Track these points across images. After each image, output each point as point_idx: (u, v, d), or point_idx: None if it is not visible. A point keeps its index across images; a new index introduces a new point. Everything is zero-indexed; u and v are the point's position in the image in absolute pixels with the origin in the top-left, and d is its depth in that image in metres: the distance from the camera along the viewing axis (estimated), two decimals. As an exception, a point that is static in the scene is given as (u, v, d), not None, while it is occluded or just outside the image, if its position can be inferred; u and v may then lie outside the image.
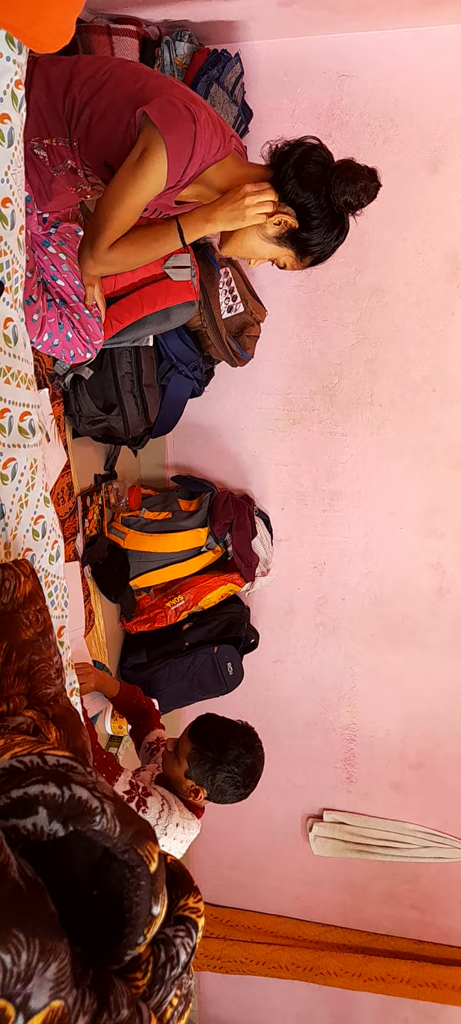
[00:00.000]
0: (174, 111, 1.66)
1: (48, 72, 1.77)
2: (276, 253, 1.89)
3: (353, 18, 2.86)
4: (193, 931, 0.97)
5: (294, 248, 1.86)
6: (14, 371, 1.27)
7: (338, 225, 1.83)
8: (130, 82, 1.74)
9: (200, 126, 1.69)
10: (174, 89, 1.75)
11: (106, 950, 0.86)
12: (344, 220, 1.84)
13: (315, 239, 1.82)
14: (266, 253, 1.90)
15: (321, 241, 1.83)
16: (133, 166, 1.69)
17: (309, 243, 1.83)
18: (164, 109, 1.65)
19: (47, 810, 0.80)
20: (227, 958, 4.05)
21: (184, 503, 3.40)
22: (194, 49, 2.91)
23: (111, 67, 1.78)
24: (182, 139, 1.67)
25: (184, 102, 1.69)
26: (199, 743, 2.11)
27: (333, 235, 1.84)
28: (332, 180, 1.75)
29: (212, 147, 1.76)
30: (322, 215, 1.79)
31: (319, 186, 1.76)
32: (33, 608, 1.18)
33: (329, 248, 1.87)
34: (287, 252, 1.88)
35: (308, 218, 1.79)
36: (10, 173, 1.28)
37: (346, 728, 3.88)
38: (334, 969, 3.96)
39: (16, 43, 1.25)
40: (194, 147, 1.69)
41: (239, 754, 2.11)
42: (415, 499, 3.44)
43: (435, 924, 4.10)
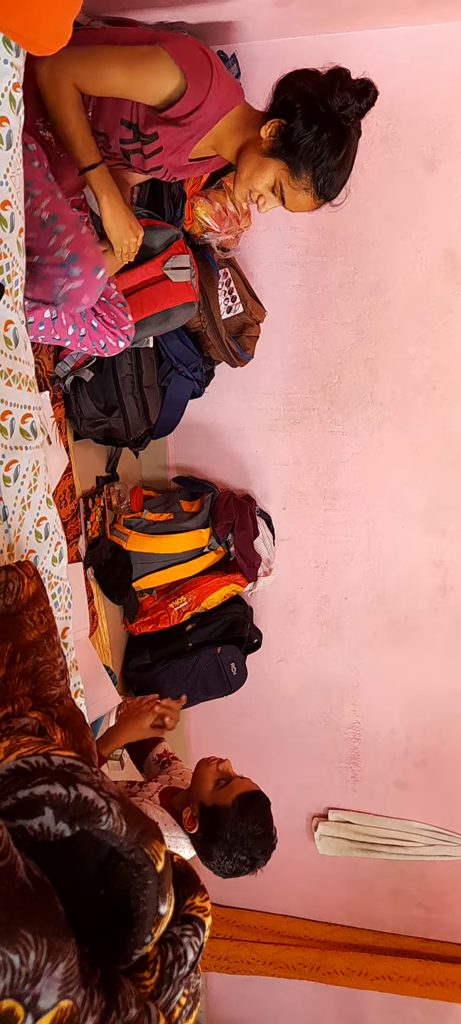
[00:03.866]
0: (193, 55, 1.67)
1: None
2: (272, 170, 1.81)
3: (349, 18, 2.86)
4: (200, 930, 0.97)
5: (285, 152, 1.77)
6: (15, 373, 1.27)
7: (332, 122, 1.74)
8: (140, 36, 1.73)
9: (215, 75, 1.70)
10: (188, 39, 1.74)
11: (114, 950, 0.86)
12: (338, 124, 1.75)
13: (298, 128, 1.73)
14: (267, 175, 1.82)
15: (306, 131, 1.73)
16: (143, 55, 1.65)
17: (294, 135, 1.74)
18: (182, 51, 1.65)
19: (53, 810, 0.80)
20: (234, 958, 4.05)
21: (186, 504, 3.40)
22: (191, 50, 2.91)
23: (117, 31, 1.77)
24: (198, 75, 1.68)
25: (199, 46, 1.69)
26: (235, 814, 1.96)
27: (324, 128, 1.73)
28: (320, 83, 1.73)
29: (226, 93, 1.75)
30: (308, 106, 1.73)
31: (307, 88, 1.74)
32: (37, 609, 1.18)
33: (324, 147, 1.75)
34: (280, 164, 1.79)
35: (293, 111, 1.74)
36: (9, 176, 1.28)
37: (350, 727, 3.88)
38: (341, 968, 3.95)
39: (13, 46, 1.25)
40: (208, 87, 1.70)
41: (240, 861, 1.98)
42: (417, 497, 3.44)
43: (442, 922, 4.09)
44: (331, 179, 1.80)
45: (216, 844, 1.97)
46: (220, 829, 1.96)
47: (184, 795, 2.16)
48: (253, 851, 1.98)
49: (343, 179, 1.83)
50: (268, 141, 1.78)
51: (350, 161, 1.82)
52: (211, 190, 2.91)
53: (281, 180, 1.82)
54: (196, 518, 3.33)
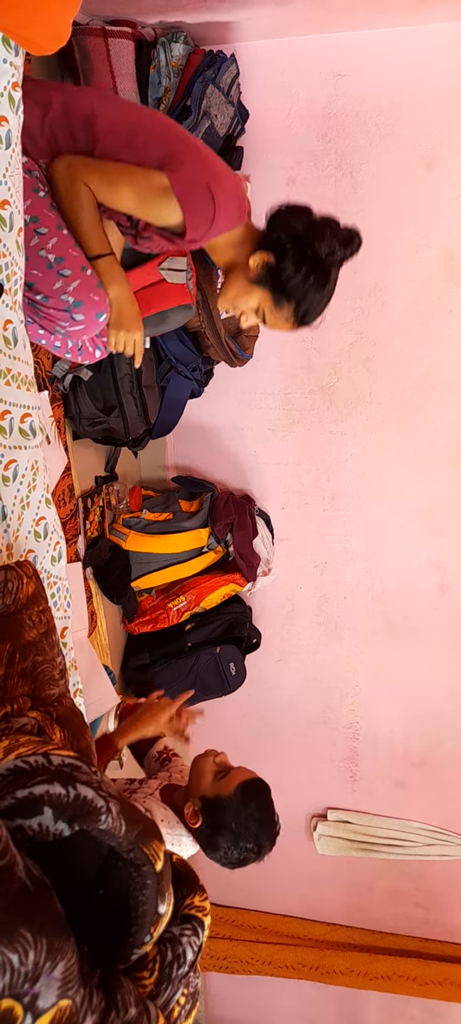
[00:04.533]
0: (197, 195, 1.75)
1: (68, 101, 1.78)
2: (257, 296, 1.91)
3: (348, 17, 2.86)
4: (199, 930, 0.97)
5: (271, 285, 1.87)
6: (14, 373, 1.27)
7: (320, 267, 1.83)
8: (159, 144, 1.79)
9: (218, 213, 1.78)
10: (199, 163, 1.80)
11: (113, 949, 0.86)
12: (323, 267, 1.83)
13: (288, 271, 1.82)
14: (252, 299, 1.92)
15: (294, 274, 1.82)
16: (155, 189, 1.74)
17: (283, 276, 1.84)
18: (188, 189, 1.73)
19: (52, 810, 0.80)
20: (233, 958, 4.05)
21: (185, 504, 3.40)
22: (189, 50, 2.91)
23: (139, 117, 1.81)
24: (196, 218, 1.77)
25: (208, 183, 1.76)
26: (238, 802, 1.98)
27: (310, 271, 1.82)
28: (309, 227, 1.81)
29: (226, 224, 1.83)
30: (296, 249, 1.81)
31: (296, 228, 1.82)
32: (36, 609, 1.18)
33: (310, 290, 1.85)
34: (264, 293, 1.89)
35: (282, 251, 1.82)
36: (8, 175, 1.28)
37: (349, 727, 3.88)
38: (340, 968, 3.95)
39: (12, 45, 1.25)
40: (210, 229, 1.80)
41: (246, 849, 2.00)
42: (415, 496, 3.44)
43: (440, 922, 4.09)
44: (310, 313, 1.92)
45: (221, 835, 1.97)
46: (224, 819, 1.97)
47: (184, 792, 2.15)
48: (259, 837, 1.99)
49: (322, 310, 1.94)
50: (255, 271, 1.87)
51: (331, 296, 1.92)
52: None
53: (264, 307, 1.92)
54: (195, 518, 3.33)
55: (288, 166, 3.18)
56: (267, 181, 3.17)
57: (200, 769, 2.10)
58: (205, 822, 2.00)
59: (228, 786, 2.01)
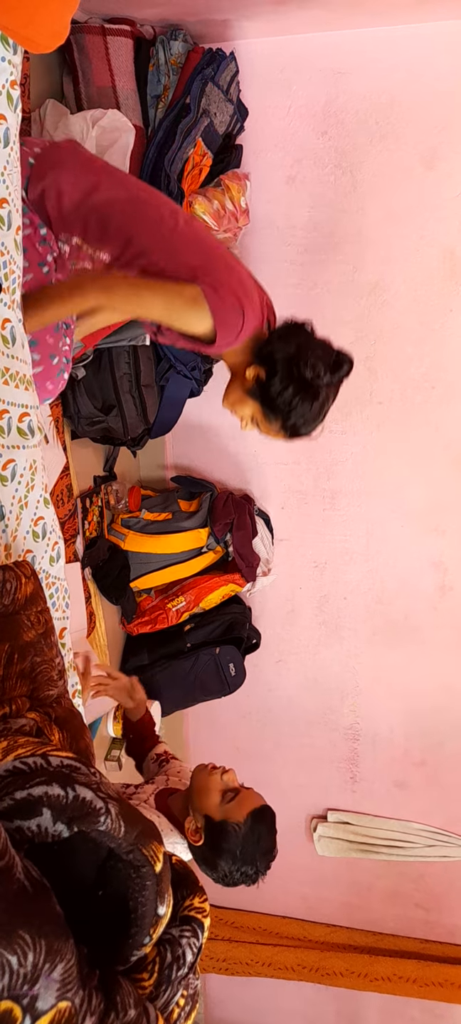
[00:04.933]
0: (230, 312, 1.80)
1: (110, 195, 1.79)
2: (250, 407, 1.96)
3: (348, 15, 2.86)
4: (199, 931, 0.97)
5: (261, 398, 1.92)
6: (12, 372, 1.26)
7: (306, 388, 1.87)
8: (194, 252, 1.83)
9: (245, 326, 1.84)
10: (232, 277, 1.85)
11: (112, 951, 0.86)
12: (309, 388, 1.87)
13: (276, 388, 1.87)
14: (246, 408, 1.98)
15: (281, 391, 1.86)
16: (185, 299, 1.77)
17: (271, 392, 1.88)
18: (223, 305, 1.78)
19: (51, 811, 0.79)
20: (232, 960, 4.05)
21: (184, 504, 3.40)
22: (188, 48, 2.91)
23: (176, 223, 1.84)
24: (228, 335, 1.83)
25: (240, 297, 1.82)
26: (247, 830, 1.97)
27: (297, 392, 1.86)
28: (300, 348, 1.86)
29: (248, 334, 1.89)
30: (284, 370, 1.85)
31: (288, 349, 1.86)
32: (34, 609, 1.18)
33: (297, 409, 1.89)
34: (256, 406, 1.94)
35: (272, 370, 1.87)
36: (6, 174, 1.28)
37: (349, 727, 3.88)
38: (340, 969, 3.95)
39: (11, 43, 1.24)
40: (234, 342, 1.86)
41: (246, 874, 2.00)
42: (416, 496, 3.43)
43: (440, 923, 4.09)
44: (299, 429, 1.94)
45: (223, 858, 1.97)
46: (229, 844, 1.96)
47: (182, 797, 2.13)
48: (259, 864, 1.99)
49: (313, 427, 1.96)
50: (249, 383, 1.93)
51: (322, 415, 1.95)
52: (209, 188, 2.91)
53: (257, 417, 1.97)
54: (194, 518, 3.32)
55: (288, 164, 3.17)
56: (267, 179, 3.17)
57: (205, 787, 2.06)
58: (208, 842, 1.99)
59: (238, 813, 2.00)
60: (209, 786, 2.05)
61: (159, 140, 2.84)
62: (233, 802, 2.01)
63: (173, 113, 2.84)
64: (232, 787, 2.07)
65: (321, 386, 1.87)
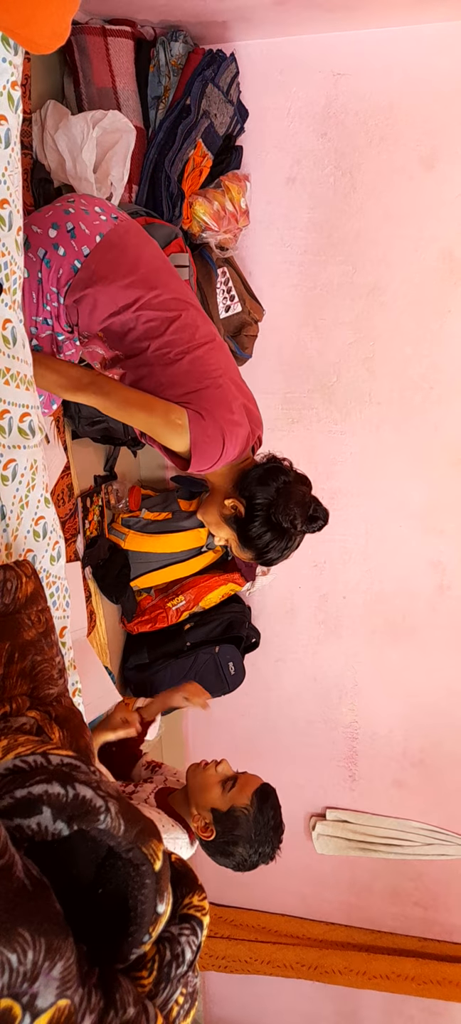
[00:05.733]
0: (211, 442, 1.85)
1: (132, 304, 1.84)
2: (226, 533, 2.02)
3: (348, 17, 2.87)
4: (198, 929, 0.97)
5: (237, 532, 1.97)
6: (13, 372, 1.27)
7: (282, 534, 1.93)
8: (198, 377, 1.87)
9: (223, 456, 1.89)
10: (222, 409, 1.88)
11: (111, 949, 0.86)
12: (289, 533, 1.93)
13: (254, 530, 1.92)
14: (222, 533, 2.04)
15: (259, 535, 1.92)
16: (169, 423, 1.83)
17: (249, 531, 1.93)
18: (204, 436, 1.84)
19: (51, 809, 0.79)
20: (232, 958, 4.05)
21: (184, 503, 3.40)
22: (189, 49, 2.92)
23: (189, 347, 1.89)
24: (203, 462, 1.88)
25: (224, 432, 1.86)
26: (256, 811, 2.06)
27: (274, 537, 1.92)
28: (280, 497, 1.90)
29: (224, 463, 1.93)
30: (262, 514, 1.91)
31: (268, 494, 1.91)
32: (35, 608, 1.18)
33: (272, 550, 1.95)
34: (232, 534, 2.00)
35: (252, 510, 1.92)
36: (7, 175, 1.28)
37: (348, 726, 3.88)
38: (339, 967, 3.95)
39: (12, 44, 1.25)
40: (210, 469, 1.92)
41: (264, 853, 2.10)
42: (415, 496, 3.44)
43: (439, 921, 4.09)
44: (273, 560, 2.01)
45: (239, 844, 2.04)
46: (242, 829, 2.04)
47: (181, 795, 2.16)
48: (274, 841, 2.10)
49: (284, 558, 2.03)
50: (228, 512, 1.98)
51: (292, 551, 2.03)
52: (210, 189, 2.92)
53: (231, 542, 2.04)
54: (194, 517, 3.32)
55: (287, 165, 3.18)
56: (267, 180, 3.18)
57: (203, 782, 2.12)
58: (221, 834, 2.05)
59: (242, 797, 2.06)
60: (207, 781, 2.11)
61: (159, 141, 2.85)
62: (234, 789, 2.08)
63: (173, 114, 2.85)
64: (229, 775, 2.13)
65: (295, 534, 1.95)
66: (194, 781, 2.14)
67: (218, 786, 2.09)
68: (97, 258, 1.83)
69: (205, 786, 2.11)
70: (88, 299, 1.82)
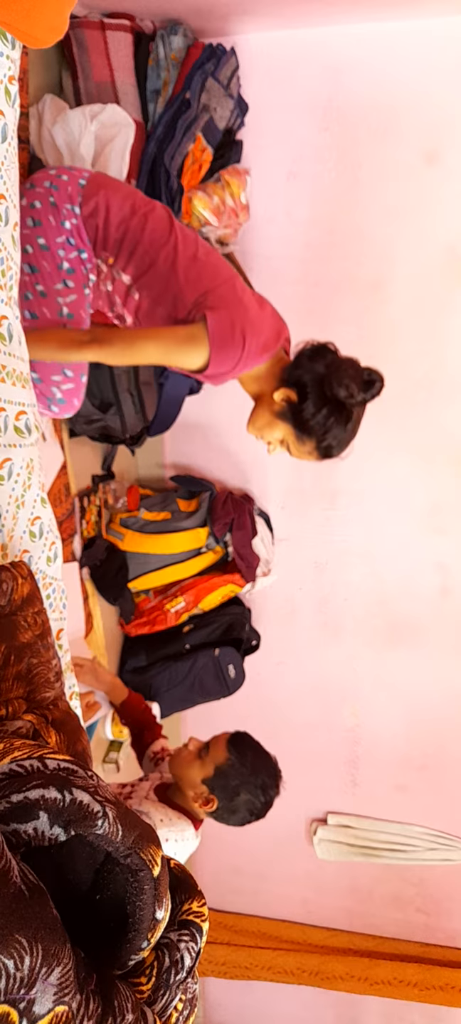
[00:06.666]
0: (230, 335, 1.85)
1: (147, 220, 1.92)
2: (281, 430, 2.00)
3: (350, 10, 2.85)
4: (197, 935, 0.96)
5: (293, 422, 1.95)
6: (9, 369, 1.25)
7: (340, 408, 1.90)
8: (210, 276, 1.92)
9: (245, 353, 1.89)
10: (239, 308, 1.91)
11: (110, 955, 0.85)
12: (343, 408, 1.91)
13: (310, 411, 1.90)
14: (276, 432, 2.02)
15: (315, 413, 1.90)
16: (179, 339, 1.86)
17: (305, 415, 1.91)
18: (222, 329, 1.85)
19: (48, 814, 0.79)
20: (232, 964, 4.04)
21: (183, 503, 3.38)
22: (189, 43, 2.90)
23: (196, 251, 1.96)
24: (225, 359, 1.88)
25: (243, 328, 1.87)
26: (236, 756, 2.11)
27: (331, 413, 1.90)
28: (331, 369, 1.89)
29: (251, 363, 1.94)
30: (316, 391, 1.89)
31: (318, 370, 1.90)
32: (31, 610, 1.16)
33: (332, 428, 1.92)
34: (287, 428, 1.97)
35: (303, 391, 1.91)
36: (3, 169, 1.26)
37: (350, 730, 3.86)
38: (340, 973, 3.94)
39: (9, 38, 1.23)
40: (234, 368, 1.92)
41: (265, 784, 2.13)
42: (417, 497, 3.42)
43: (441, 927, 4.08)
44: (333, 448, 2.00)
45: (240, 791, 2.10)
46: (235, 776, 2.10)
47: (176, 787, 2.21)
48: (271, 770, 2.17)
49: (345, 445, 2.03)
50: (279, 406, 1.96)
51: (355, 432, 2.01)
52: (209, 183, 2.90)
53: (288, 440, 2.02)
54: (193, 517, 3.31)
55: (289, 160, 3.16)
56: (267, 175, 3.16)
57: (181, 763, 2.19)
58: (221, 795, 2.11)
59: (218, 754, 2.13)
60: (185, 761, 2.19)
61: (159, 136, 2.83)
62: (210, 751, 2.15)
63: (173, 108, 2.83)
64: (200, 745, 2.21)
65: (355, 405, 1.92)
66: (175, 770, 2.20)
67: (196, 759, 2.16)
68: (99, 175, 1.96)
69: (185, 766, 2.17)
70: (100, 206, 1.89)
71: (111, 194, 1.91)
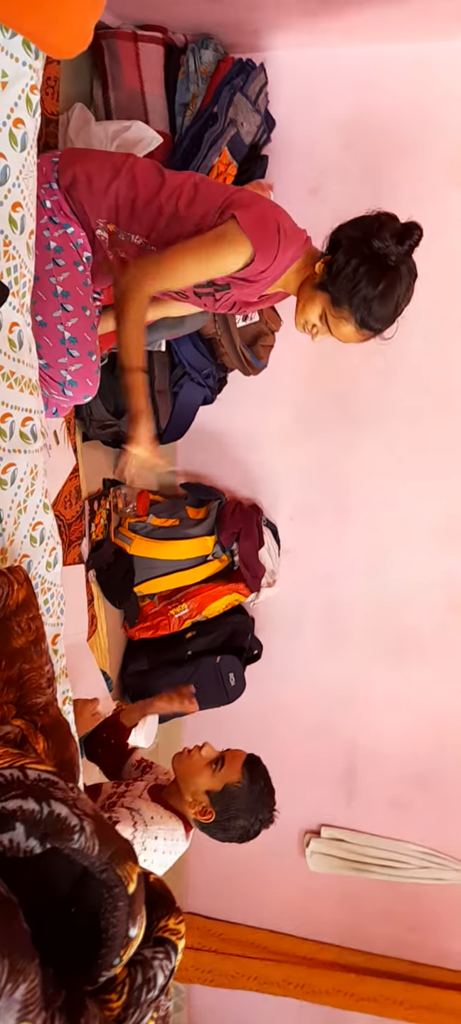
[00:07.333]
0: (263, 224, 1.84)
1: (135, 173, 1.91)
2: (320, 301, 1.93)
3: (378, 30, 2.85)
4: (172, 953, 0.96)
5: (330, 289, 1.88)
6: (18, 376, 1.27)
7: (369, 259, 1.83)
8: (220, 193, 1.90)
9: (283, 237, 1.86)
10: (262, 201, 1.92)
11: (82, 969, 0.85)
12: (376, 260, 1.84)
13: (339, 261, 1.84)
14: (316, 307, 1.95)
15: (345, 266, 1.83)
16: (214, 241, 1.83)
17: (334, 268, 1.85)
18: (255, 220, 1.82)
19: (25, 825, 0.79)
20: (218, 971, 4.02)
21: (192, 511, 3.39)
22: (219, 57, 2.92)
23: (196, 181, 1.94)
24: (266, 250, 1.84)
25: (274, 217, 1.86)
26: (248, 782, 2.11)
27: (357, 264, 1.83)
28: (365, 225, 1.85)
29: (289, 251, 1.91)
30: (350, 244, 1.84)
31: (355, 229, 1.86)
32: (25, 616, 1.18)
33: (359, 279, 1.84)
34: (325, 296, 1.91)
35: (338, 245, 1.87)
36: (22, 178, 1.28)
37: (349, 743, 3.85)
38: (326, 987, 3.92)
39: (33, 48, 1.25)
40: (274, 260, 1.86)
41: (263, 819, 2.14)
42: (426, 513, 3.41)
43: (431, 946, 4.05)
44: (369, 310, 1.87)
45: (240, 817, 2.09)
46: (241, 802, 2.09)
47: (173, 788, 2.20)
48: (270, 803, 2.16)
49: (385, 313, 1.91)
50: (318, 276, 1.91)
51: (394, 296, 1.90)
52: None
53: (326, 310, 1.93)
54: (201, 525, 3.32)
55: (312, 176, 3.17)
56: (290, 190, 3.16)
57: (189, 768, 2.16)
58: (219, 812, 2.10)
59: (232, 773, 2.11)
60: (195, 766, 2.16)
61: (185, 148, 2.85)
62: (224, 767, 2.13)
63: (200, 122, 2.85)
64: (215, 756, 2.18)
65: (389, 255, 1.84)
66: (182, 769, 2.18)
67: (207, 768, 2.13)
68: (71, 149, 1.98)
69: (194, 771, 2.15)
70: (79, 176, 1.87)
71: (88, 162, 1.90)
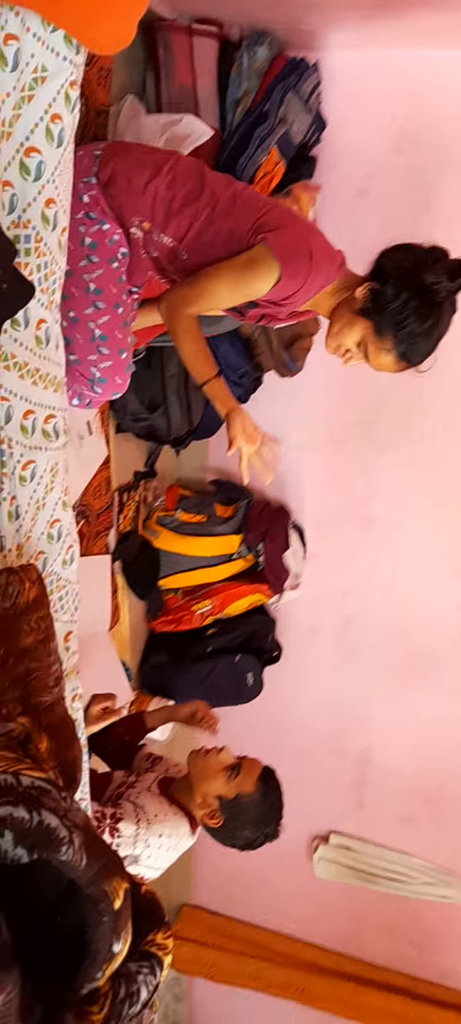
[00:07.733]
0: (294, 247, 1.84)
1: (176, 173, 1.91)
2: (360, 328, 1.89)
3: (434, 36, 2.80)
4: (158, 969, 0.96)
5: (373, 315, 1.85)
6: (42, 373, 1.27)
7: (420, 294, 1.79)
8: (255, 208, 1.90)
9: (314, 263, 1.86)
10: (296, 223, 1.92)
11: (65, 979, 0.86)
12: (427, 295, 1.80)
13: (388, 294, 1.80)
14: (355, 332, 1.91)
15: (394, 297, 1.79)
16: (243, 265, 1.84)
17: (382, 299, 1.81)
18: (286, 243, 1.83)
19: (13, 834, 0.79)
20: (220, 967, 4.03)
21: (220, 508, 3.38)
22: (273, 55, 2.90)
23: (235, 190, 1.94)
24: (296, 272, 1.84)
25: (306, 239, 1.86)
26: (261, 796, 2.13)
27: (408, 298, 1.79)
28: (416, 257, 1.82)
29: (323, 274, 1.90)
30: (399, 275, 1.81)
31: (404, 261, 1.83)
32: (35, 615, 1.18)
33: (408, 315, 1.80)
34: (367, 324, 1.87)
35: (385, 277, 1.83)
36: (57, 174, 1.28)
37: (360, 752, 3.83)
38: (325, 994, 3.91)
39: (74, 43, 1.24)
40: (306, 281, 1.86)
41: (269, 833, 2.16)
42: (449, 538, 3.38)
43: (432, 963, 4.02)
44: (414, 345, 1.85)
45: (247, 828, 2.12)
46: (250, 814, 2.11)
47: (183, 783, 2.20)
48: (277, 819, 2.18)
49: (427, 348, 1.88)
50: (360, 301, 1.86)
51: (437, 333, 1.86)
52: (279, 196, 2.89)
53: (367, 338, 1.89)
54: (229, 523, 3.31)
55: (360, 178, 3.13)
56: (337, 192, 3.13)
57: (205, 770, 2.16)
58: (228, 820, 2.12)
59: (248, 783, 2.13)
60: (211, 769, 2.16)
61: (234, 144, 2.83)
62: (239, 776, 2.14)
63: (251, 119, 2.83)
64: (232, 762, 2.18)
65: (440, 291, 1.80)
66: (197, 769, 2.18)
67: (222, 774, 2.13)
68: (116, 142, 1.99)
69: (209, 774, 2.14)
70: (119, 172, 1.87)
71: (129, 157, 1.90)
